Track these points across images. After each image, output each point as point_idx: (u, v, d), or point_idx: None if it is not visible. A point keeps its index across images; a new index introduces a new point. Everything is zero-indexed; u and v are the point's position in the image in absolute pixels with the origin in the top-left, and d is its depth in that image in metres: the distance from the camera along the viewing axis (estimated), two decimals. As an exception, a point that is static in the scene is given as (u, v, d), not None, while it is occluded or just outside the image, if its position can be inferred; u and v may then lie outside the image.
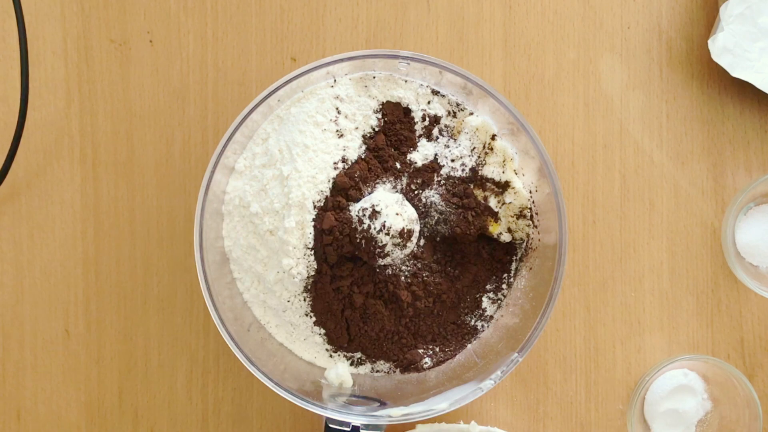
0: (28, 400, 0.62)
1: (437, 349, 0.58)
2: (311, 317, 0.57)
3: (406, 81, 0.56)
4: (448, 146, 0.57)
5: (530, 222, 0.57)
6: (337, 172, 0.55)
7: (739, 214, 0.62)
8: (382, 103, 0.57)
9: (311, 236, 0.53)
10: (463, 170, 0.56)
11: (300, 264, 0.54)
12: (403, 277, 0.56)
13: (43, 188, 0.62)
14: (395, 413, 0.53)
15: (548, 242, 0.55)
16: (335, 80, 0.56)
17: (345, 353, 0.58)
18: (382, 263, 0.55)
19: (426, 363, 0.57)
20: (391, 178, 0.56)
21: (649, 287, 0.62)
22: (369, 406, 0.55)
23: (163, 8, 0.62)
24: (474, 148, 0.56)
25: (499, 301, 0.58)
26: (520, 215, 0.57)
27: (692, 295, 0.62)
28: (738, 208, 0.60)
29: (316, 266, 0.54)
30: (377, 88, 0.56)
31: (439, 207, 0.56)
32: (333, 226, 0.53)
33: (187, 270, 0.62)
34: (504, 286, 0.58)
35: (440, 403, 0.54)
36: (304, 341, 0.58)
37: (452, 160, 0.57)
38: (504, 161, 0.56)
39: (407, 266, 0.56)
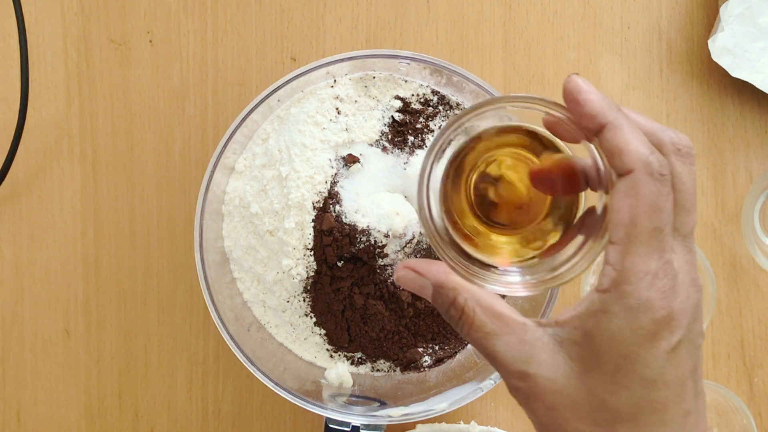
0: (28, 400, 0.62)
1: (437, 348, 0.58)
2: (311, 317, 0.57)
3: (406, 81, 0.56)
4: (448, 146, 0.57)
5: (530, 222, 0.57)
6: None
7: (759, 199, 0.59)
8: (382, 103, 0.57)
9: (311, 237, 0.53)
10: (463, 170, 0.56)
11: (299, 264, 0.54)
12: (403, 277, 0.55)
13: (43, 188, 0.62)
14: (395, 413, 0.53)
15: (548, 242, 0.55)
16: (335, 80, 0.56)
17: (345, 353, 0.58)
18: (383, 263, 0.55)
19: (426, 361, 0.57)
20: (391, 178, 0.56)
21: (649, 287, 0.62)
22: (369, 406, 0.55)
23: (163, 8, 0.62)
24: (474, 148, 0.56)
25: (499, 301, 0.58)
26: (520, 215, 0.57)
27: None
28: (759, 191, 0.58)
29: (315, 267, 0.54)
30: (377, 88, 0.56)
31: (439, 207, 0.56)
32: (332, 227, 0.53)
33: (187, 270, 0.62)
34: (504, 286, 0.58)
35: (440, 403, 0.54)
36: (304, 341, 0.58)
37: (452, 160, 0.57)
38: (504, 161, 0.56)
39: (407, 266, 0.56)
